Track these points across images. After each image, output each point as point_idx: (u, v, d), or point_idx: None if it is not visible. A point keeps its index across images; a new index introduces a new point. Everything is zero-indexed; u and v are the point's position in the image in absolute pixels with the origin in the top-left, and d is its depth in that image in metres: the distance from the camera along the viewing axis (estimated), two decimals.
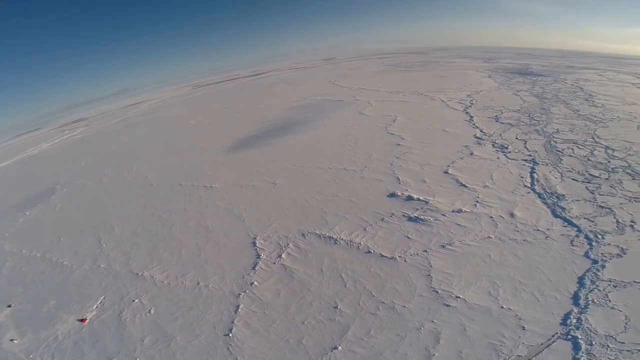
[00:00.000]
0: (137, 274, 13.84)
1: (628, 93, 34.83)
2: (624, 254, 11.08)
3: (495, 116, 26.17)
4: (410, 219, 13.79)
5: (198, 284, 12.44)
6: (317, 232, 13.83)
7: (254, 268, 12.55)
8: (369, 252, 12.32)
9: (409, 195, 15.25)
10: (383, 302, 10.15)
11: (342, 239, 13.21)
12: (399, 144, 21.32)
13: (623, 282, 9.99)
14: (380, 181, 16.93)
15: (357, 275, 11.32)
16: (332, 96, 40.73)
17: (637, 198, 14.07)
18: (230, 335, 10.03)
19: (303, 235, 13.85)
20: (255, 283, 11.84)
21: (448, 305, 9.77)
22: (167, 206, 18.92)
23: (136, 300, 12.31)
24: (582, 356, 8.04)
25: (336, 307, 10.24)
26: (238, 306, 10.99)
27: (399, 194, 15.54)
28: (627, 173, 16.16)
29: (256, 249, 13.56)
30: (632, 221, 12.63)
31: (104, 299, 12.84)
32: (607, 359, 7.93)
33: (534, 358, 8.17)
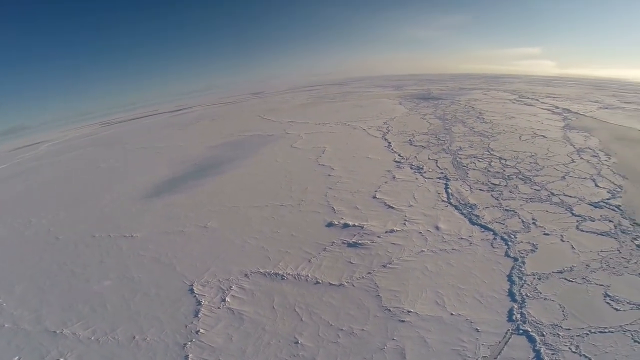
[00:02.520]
0: (55, 332, 11.80)
1: (508, 108, 42.17)
2: (536, 249, 12.95)
3: (409, 140, 29.17)
4: (349, 245, 14.27)
5: (134, 337, 10.97)
6: (261, 271, 13.40)
7: (196, 315, 11.55)
8: (318, 282, 12.33)
9: (345, 223, 15.85)
10: (342, 329, 10.15)
11: (288, 273, 13.01)
12: (330, 175, 22.20)
13: (544, 273, 11.56)
14: (317, 213, 17.31)
15: (311, 307, 11.17)
16: (262, 131, 40.84)
17: (532, 199, 16.81)
18: None
19: (246, 275, 13.27)
20: (202, 330, 10.86)
21: (403, 321, 10.16)
22: (80, 260, 16.52)
23: (61, 359, 10.55)
24: (540, 347, 8.84)
25: (297, 342, 9.91)
26: (187, 356, 9.94)
27: (336, 222, 16.05)
28: (520, 178, 19.27)
29: (195, 296, 12.55)
30: (533, 219, 14.95)
31: (19, 359, 10.80)
32: (564, 346, 8.82)
33: (498, 356, 8.71)
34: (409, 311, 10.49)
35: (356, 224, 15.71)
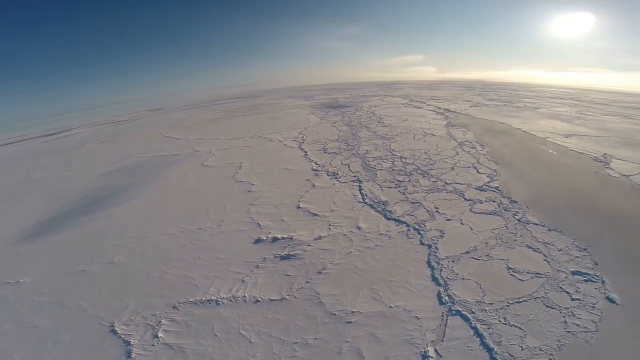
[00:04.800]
0: None
1: (402, 112, 47.66)
2: (444, 234, 14.60)
3: (323, 148, 30.44)
4: (282, 257, 14.06)
5: None
6: (191, 300, 12.17)
7: (129, 356, 10.03)
8: (258, 300, 11.77)
9: (274, 237, 15.58)
10: (296, 342, 9.86)
11: (223, 297, 12.10)
12: (250, 191, 21.53)
13: (455, 256, 13.02)
14: (242, 231, 16.57)
15: (257, 327, 10.59)
16: (166, 151, 37.28)
17: (431, 190, 19.08)
18: None
19: (174, 307, 11.92)
20: None
21: (350, 322, 10.35)
22: None
23: None
24: (475, 324, 9.76)
25: None
26: None
27: (264, 237, 15.64)
28: (419, 173, 21.79)
29: (120, 337, 10.85)
30: (435, 207, 16.94)
31: None
32: (493, 319, 9.87)
33: (444, 338, 9.40)
34: (352, 312, 10.79)
35: (285, 236, 15.59)
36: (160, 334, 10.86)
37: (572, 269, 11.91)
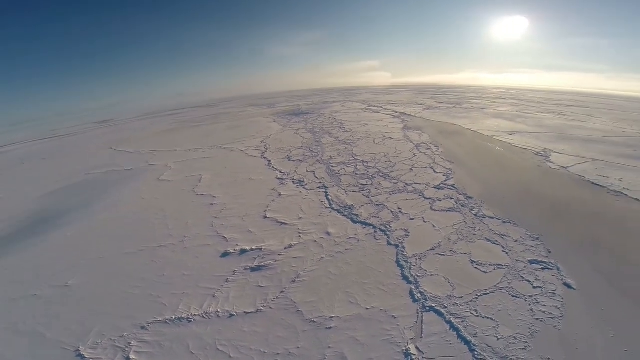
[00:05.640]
0: None
1: (362, 117, 49.07)
2: (409, 233, 15.08)
3: (287, 156, 30.33)
4: (253, 269, 13.71)
5: None
6: (160, 319, 11.47)
7: None
8: (232, 314, 11.35)
9: (242, 249, 15.16)
10: (278, 353, 9.61)
11: (194, 314, 11.52)
12: (212, 204, 20.78)
13: (422, 253, 13.47)
14: (207, 245, 15.93)
15: (235, 341, 10.18)
16: (118, 166, 34.92)
17: (393, 191, 19.73)
18: None
19: (143, 328, 11.18)
20: None
21: (330, 328, 10.30)
22: None
23: None
24: (450, 318, 10.03)
25: None
26: None
27: (232, 250, 15.16)
28: (381, 176, 22.49)
29: None
30: (398, 208, 17.52)
31: None
32: (465, 312, 10.21)
33: (422, 335, 9.58)
34: (331, 317, 10.76)
35: (254, 247, 15.24)
36: (132, 356, 10.20)
37: (529, 258, 12.81)
